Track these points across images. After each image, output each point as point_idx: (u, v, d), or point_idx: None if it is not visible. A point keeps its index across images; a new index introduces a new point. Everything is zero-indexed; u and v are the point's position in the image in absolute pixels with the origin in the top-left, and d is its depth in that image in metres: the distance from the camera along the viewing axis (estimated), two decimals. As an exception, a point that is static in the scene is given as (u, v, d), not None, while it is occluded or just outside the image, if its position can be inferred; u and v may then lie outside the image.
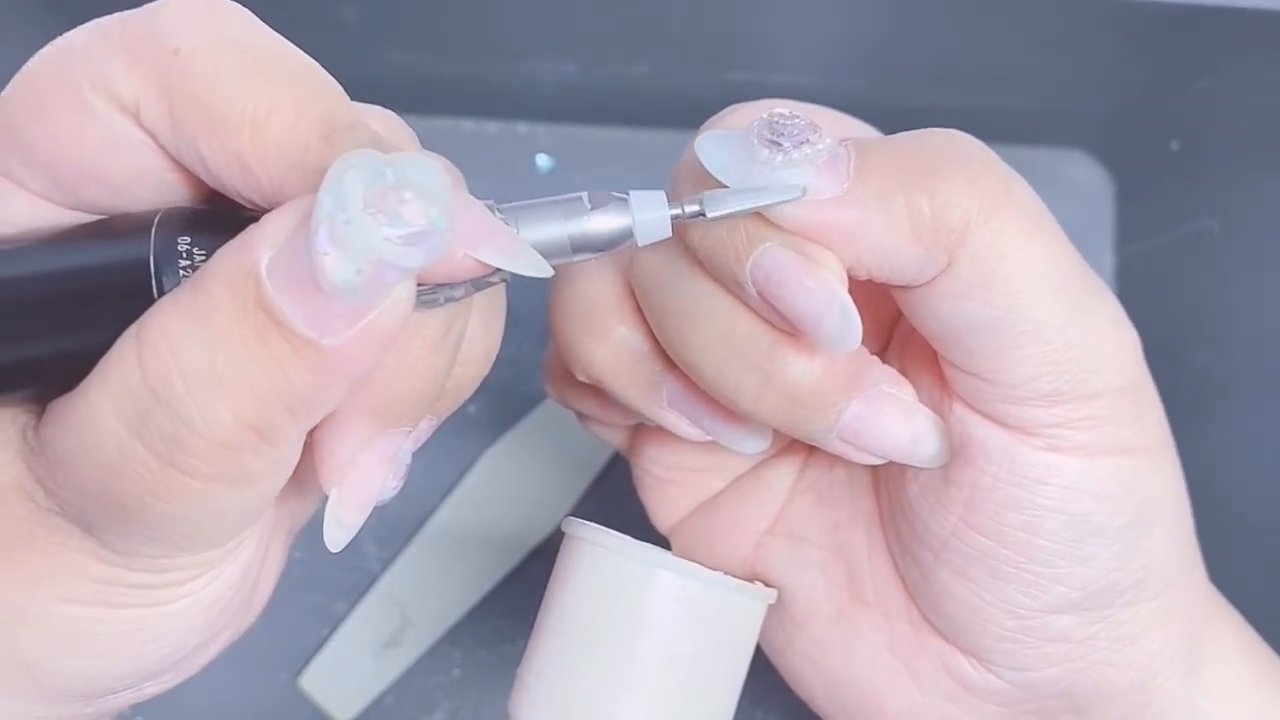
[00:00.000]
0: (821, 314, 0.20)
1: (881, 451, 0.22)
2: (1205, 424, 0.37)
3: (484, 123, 0.40)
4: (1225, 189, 0.37)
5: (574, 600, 0.25)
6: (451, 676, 0.38)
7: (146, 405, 0.16)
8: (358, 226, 0.15)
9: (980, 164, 0.21)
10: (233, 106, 0.17)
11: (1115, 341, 0.21)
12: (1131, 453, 0.22)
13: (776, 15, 0.34)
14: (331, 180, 0.16)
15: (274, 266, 0.16)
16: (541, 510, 0.38)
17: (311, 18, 0.34)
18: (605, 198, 0.19)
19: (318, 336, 0.16)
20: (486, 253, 0.17)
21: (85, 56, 0.18)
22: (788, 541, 0.27)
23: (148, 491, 0.17)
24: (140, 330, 0.17)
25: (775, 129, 0.20)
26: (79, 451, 0.17)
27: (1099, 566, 0.22)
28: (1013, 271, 0.20)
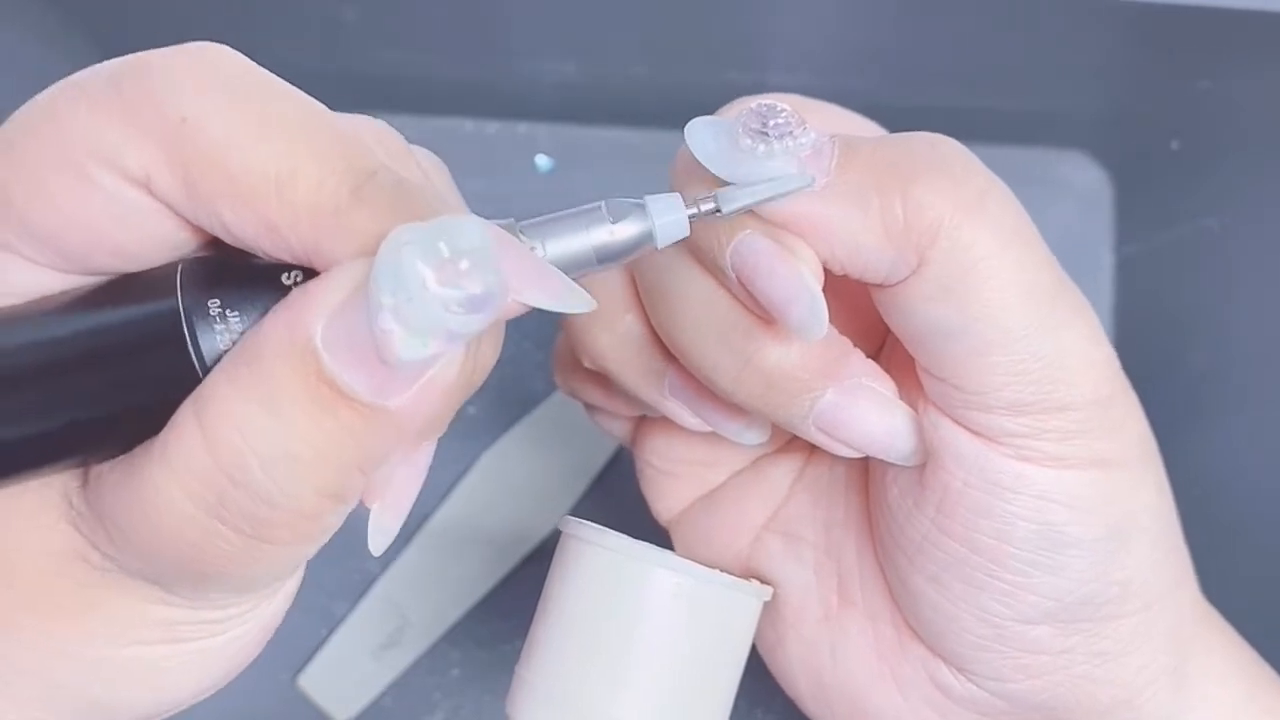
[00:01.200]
0: (790, 300, 0.20)
1: (856, 443, 0.22)
2: (1204, 424, 0.37)
3: (484, 123, 0.40)
4: (1224, 189, 0.37)
5: (571, 599, 0.25)
6: (450, 677, 0.38)
7: (223, 489, 0.16)
8: (421, 304, 0.15)
9: (959, 170, 0.21)
10: (253, 171, 0.17)
11: (1086, 356, 0.21)
12: (1106, 465, 0.22)
13: (776, 15, 0.34)
14: (387, 261, 0.15)
15: (329, 337, 0.16)
16: (540, 511, 0.38)
17: (311, 17, 0.35)
18: (623, 206, 0.19)
19: (383, 401, 0.16)
20: (534, 297, 0.17)
21: (82, 129, 0.17)
22: (783, 539, 0.27)
23: (229, 562, 0.17)
24: (200, 414, 0.16)
25: (761, 119, 0.20)
26: (151, 532, 0.17)
27: (1073, 578, 0.22)
28: (981, 279, 0.20)
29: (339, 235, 0.17)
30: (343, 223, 0.16)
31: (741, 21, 0.34)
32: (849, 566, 0.26)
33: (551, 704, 0.24)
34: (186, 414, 0.17)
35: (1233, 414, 0.37)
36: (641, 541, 0.24)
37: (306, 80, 0.39)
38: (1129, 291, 0.41)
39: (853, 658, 0.26)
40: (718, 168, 0.20)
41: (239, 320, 0.17)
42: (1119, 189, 0.42)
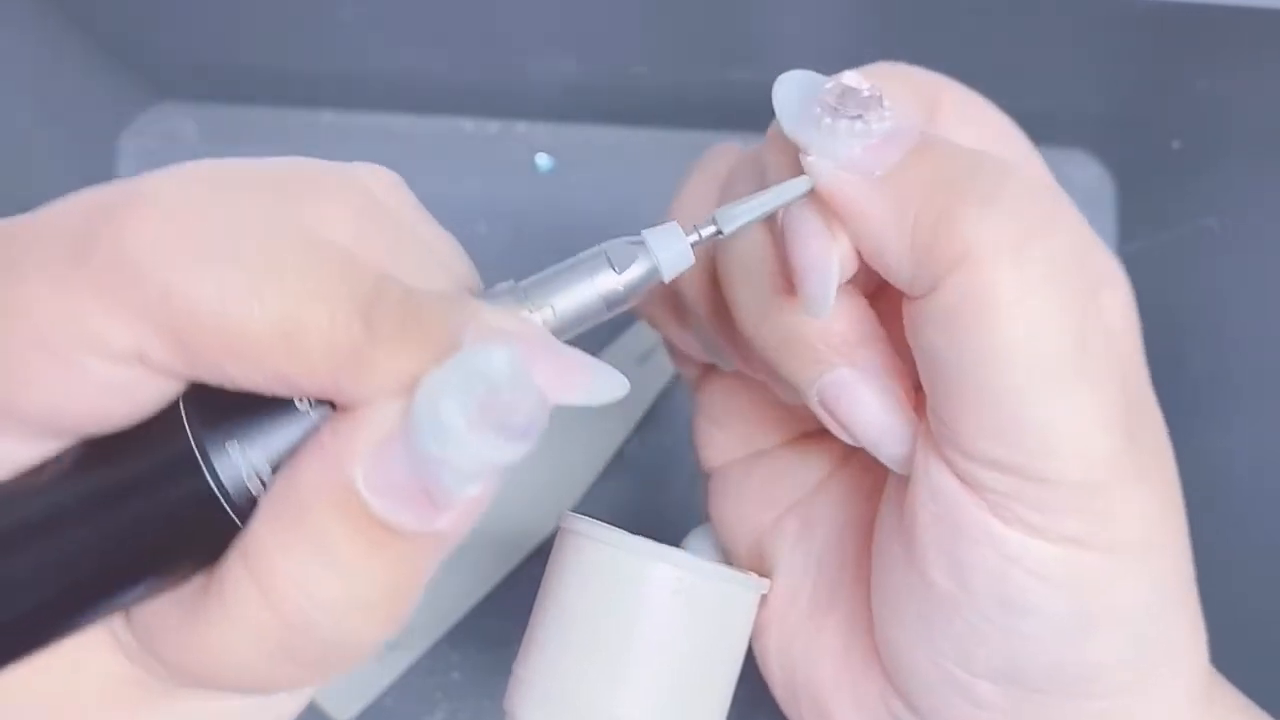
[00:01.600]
0: (807, 272, 0.20)
1: (850, 428, 0.22)
2: (1204, 424, 0.37)
3: (484, 123, 0.40)
4: (1226, 188, 0.37)
5: (569, 595, 0.25)
6: (451, 678, 0.38)
7: (291, 642, 0.17)
8: (467, 448, 0.15)
9: (1013, 204, 0.19)
10: (257, 331, 0.16)
11: (1079, 439, 0.20)
12: (1084, 547, 0.20)
13: (777, 14, 0.34)
14: (425, 413, 0.15)
15: (371, 480, 0.16)
16: (541, 510, 0.38)
17: (309, 16, 0.34)
18: (624, 250, 0.19)
19: (433, 526, 0.16)
20: (570, 398, 0.17)
21: (58, 318, 0.15)
22: (801, 525, 0.27)
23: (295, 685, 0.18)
24: (254, 572, 0.16)
25: (839, 96, 0.20)
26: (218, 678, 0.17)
27: (1032, 646, 0.21)
28: (990, 324, 0.19)
29: (359, 378, 0.16)
30: (361, 365, 0.16)
31: (742, 20, 0.34)
32: (848, 573, 0.26)
33: (550, 701, 0.24)
34: (239, 572, 0.17)
35: (1233, 413, 0.37)
36: (639, 536, 0.24)
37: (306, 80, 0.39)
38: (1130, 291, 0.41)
39: (823, 663, 0.25)
40: (787, 125, 0.20)
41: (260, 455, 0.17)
42: (1120, 188, 0.42)
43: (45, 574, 0.16)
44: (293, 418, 0.17)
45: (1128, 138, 0.40)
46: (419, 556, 0.17)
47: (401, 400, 0.16)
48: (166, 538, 0.17)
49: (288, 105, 0.40)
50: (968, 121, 0.24)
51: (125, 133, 0.39)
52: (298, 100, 0.39)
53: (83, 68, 0.36)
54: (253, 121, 0.40)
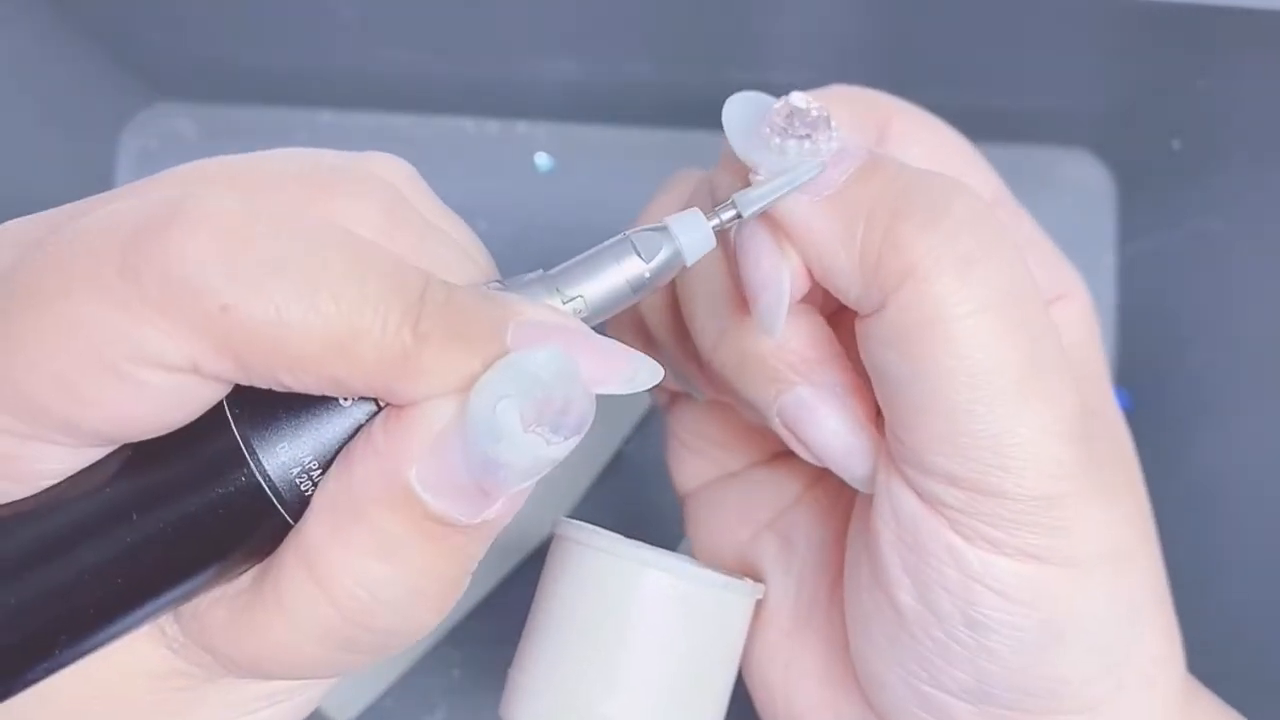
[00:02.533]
0: (759, 291, 0.21)
1: (812, 448, 0.22)
2: (1206, 423, 0.37)
3: (484, 122, 0.40)
4: (1226, 188, 0.37)
5: (564, 600, 0.25)
6: (451, 677, 0.38)
7: (352, 634, 0.17)
8: (524, 448, 0.16)
9: (957, 223, 0.19)
10: (312, 343, 0.16)
11: (1036, 450, 0.20)
12: (1044, 561, 0.20)
13: (777, 14, 0.34)
14: (482, 416, 0.16)
15: (425, 478, 0.17)
16: (540, 512, 0.38)
17: (309, 15, 0.34)
18: (649, 237, 0.20)
19: (484, 515, 0.17)
20: (613, 387, 0.18)
21: (111, 333, 0.15)
22: (780, 542, 0.27)
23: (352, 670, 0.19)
24: (315, 573, 0.17)
25: (787, 116, 0.20)
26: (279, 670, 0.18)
27: (998, 664, 0.21)
28: (937, 339, 0.19)
29: (410, 379, 0.17)
30: (411, 367, 0.16)
31: (742, 20, 0.34)
32: (827, 591, 0.26)
33: (545, 706, 0.24)
34: (295, 570, 0.17)
35: (1234, 413, 0.37)
36: (635, 541, 0.24)
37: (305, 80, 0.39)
38: (1131, 290, 0.41)
39: (803, 679, 0.25)
40: (737, 146, 0.21)
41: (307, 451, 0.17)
42: (1122, 188, 0.42)
43: (100, 575, 0.17)
44: (337, 414, 0.18)
45: (1129, 138, 0.40)
46: (471, 544, 0.18)
47: (452, 399, 0.17)
48: (217, 536, 0.17)
49: (287, 105, 0.40)
50: (918, 142, 0.24)
51: (125, 132, 0.39)
52: (297, 100, 0.39)
53: (83, 68, 0.36)
54: (252, 121, 0.40)
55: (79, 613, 0.17)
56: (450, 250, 0.19)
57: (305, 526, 0.17)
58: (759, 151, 0.20)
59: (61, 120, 0.37)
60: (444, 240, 0.20)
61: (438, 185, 0.23)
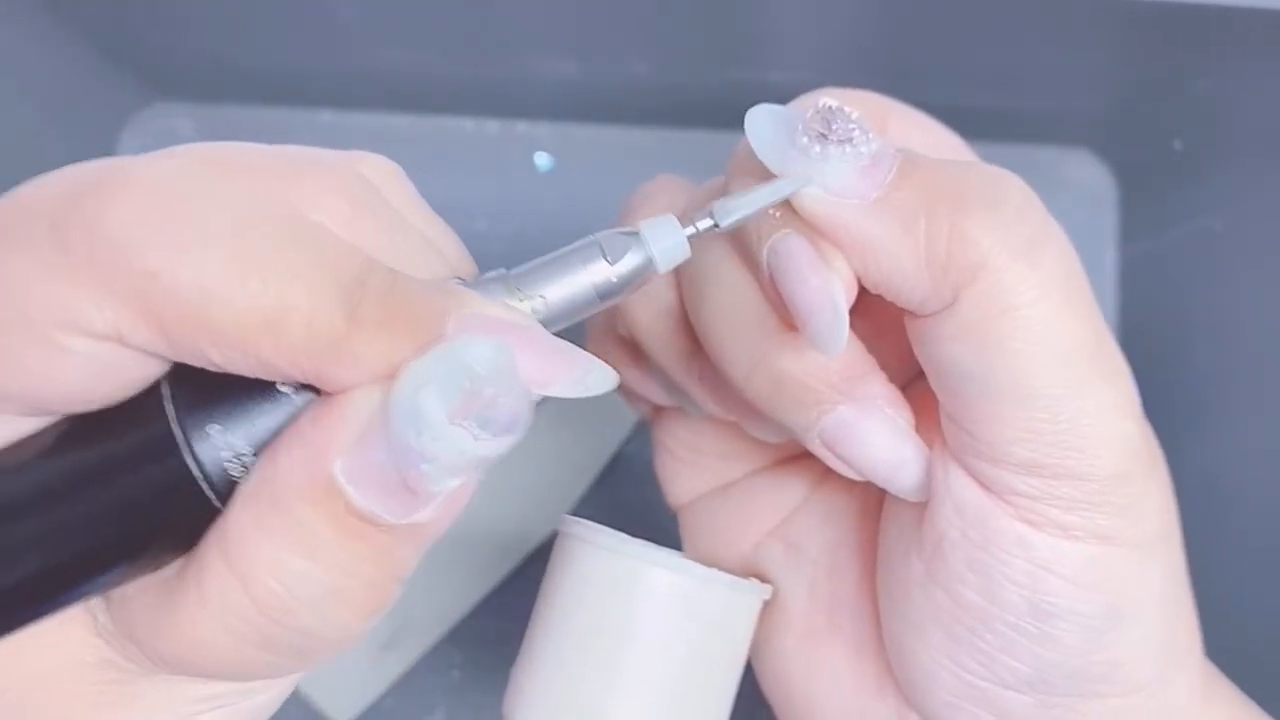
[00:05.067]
0: (814, 310, 0.20)
1: (859, 466, 0.22)
2: (1205, 424, 0.37)
3: (484, 122, 0.40)
4: (1228, 188, 0.37)
5: (567, 599, 0.24)
6: (451, 678, 0.38)
7: (269, 631, 0.17)
8: (448, 441, 0.15)
9: (1016, 211, 0.20)
10: (239, 318, 0.15)
11: (1109, 429, 0.20)
12: (1112, 543, 0.20)
13: (777, 14, 0.34)
14: (405, 403, 0.15)
15: (350, 471, 0.16)
16: (541, 511, 0.38)
17: (308, 15, 0.34)
18: (618, 240, 0.19)
19: (412, 518, 0.16)
20: (559, 389, 0.17)
21: (39, 297, 0.15)
22: (786, 548, 0.26)
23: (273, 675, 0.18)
24: (232, 562, 0.16)
25: (825, 121, 0.20)
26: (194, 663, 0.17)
27: (1060, 651, 0.21)
28: (1011, 329, 0.19)
29: (342, 364, 0.16)
30: (343, 352, 0.16)
31: (743, 20, 0.34)
32: (846, 593, 0.25)
33: (548, 706, 0.24)
34: (215, 559, 0.16)
35: (1235, 413, 0.37)
36: (639, 540, 0.24)
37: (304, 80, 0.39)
38: (1132, 290, 0.41)
39: (826, 687, 0.25)
40: (771, 160, 0.20)
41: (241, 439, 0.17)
42: (1123, 188, 0.42)
43: (23, 553, 0.16)
44: (275, 401, 0.17)
45: (1130, 138, 0.40)
46: (399, 548, 0.17)
47: (383, 389, 0.16)
48: (146, 519, 0.17)
49: (287, 105, 0.39)
50: (915, 142, 0.23)
51: (124, 132, 0.39)
52: (297, 100, 0.39)
53: (82, 68, 0.36)
54: (251, 121, 0.40)
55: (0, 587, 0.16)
56: (417, 246, 0.19)
57: (229, 514, 0.16)
58: (797, 163, 0.20)
59: (60, 120, 0.37)
60: (412, 235, 0.19)
61: (438, 185, 0.23)
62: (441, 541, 0.41)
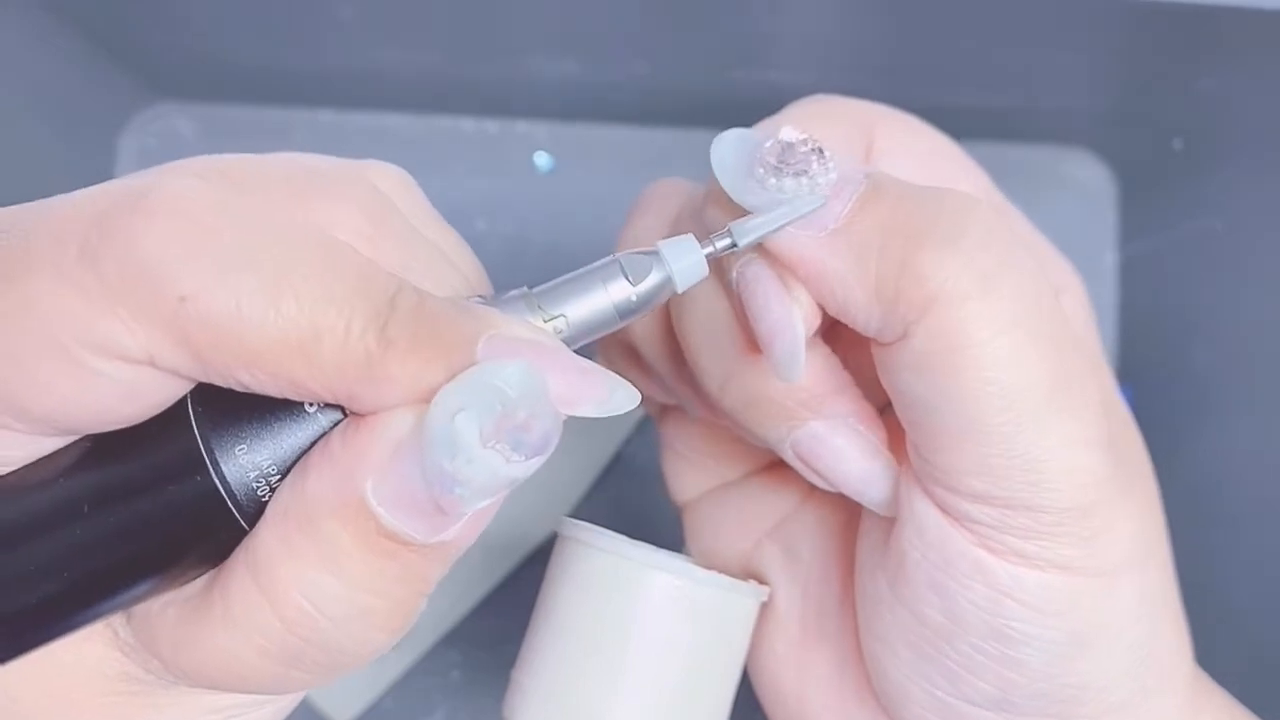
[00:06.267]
0: (774, 336, 0.20)
1: (830, 478, 0.22)
2: (1207, 423, 0.37)
3: (484, 122, 0.40)
4: (1228, 188, 0.37)
5: (568, 601, 0.24)
6: (450, 678, 0.38)
7: (297, 649, 0.17)
8: (480, 464, 0.15)
9: (975, 243, 0.19)
10: (271, 341, 0.15)
11: (1069, 462, 0.19)
12: (1074, 572, 0.20)
13: (778, 14, 0.34)
14: (439, 428, 0.15)
15: (381, 492, 0.16)
16: (541, 512, 0.38)
17: (308, 15, 0.34)
18: (639, 260, 0.19)
19: (440, 537, 0.16)
20: (585, 409, 0.17)
21: (70, 320, 0.15)
22: (782, 551, 0.27)
23: (301, 689, 0.18)
24: (259, 579, 0.16)
25: (780, 153, 0.20)
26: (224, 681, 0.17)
27: (1025, 673, 0.21)
28: (963, 365, 0.19)
29: (374, 386, 0.16)
30: (376, 374, 0.16)
31: (743, 20, 0.34)
32: (832, 602, 0.26)
33: (547, 707, 0.24)
34: (243, 578, 0.17)
35: (1235, 413, 0.37)
36: (639, 543, 0.24)
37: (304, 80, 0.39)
38: (1132, 290, 0.41)
39: (815, 687, 0.25)
40: (731, 190, 0.20)
41: (267, 458, 0.17)
42: (1123, 188, 0.42)
43: (48, 569, 0.16)
44: (301, 420, 0.17)
45: (1130, 138, 0.40)
46: (426, 566, 0.17)
47: (415, 411, 0.16)
48: (170, 537, 0.17)
49: (287, 105, 0.39)
50: (907, 149, 0.23)
51: (124, 132, 0.39)
52: (297, 100, 0.39)
53: (82, 68, 0.36)
54: (251, 121, 0.40)
55: (22, 606, 0.16)
56: (434, 260, 0.19)
57: (257, 533, 0.17)
58: (754, 193, 0.20)
59: (60, 120, 0.37)
60: (429, 250, 0.19)
61: (438, 185, 0.23)
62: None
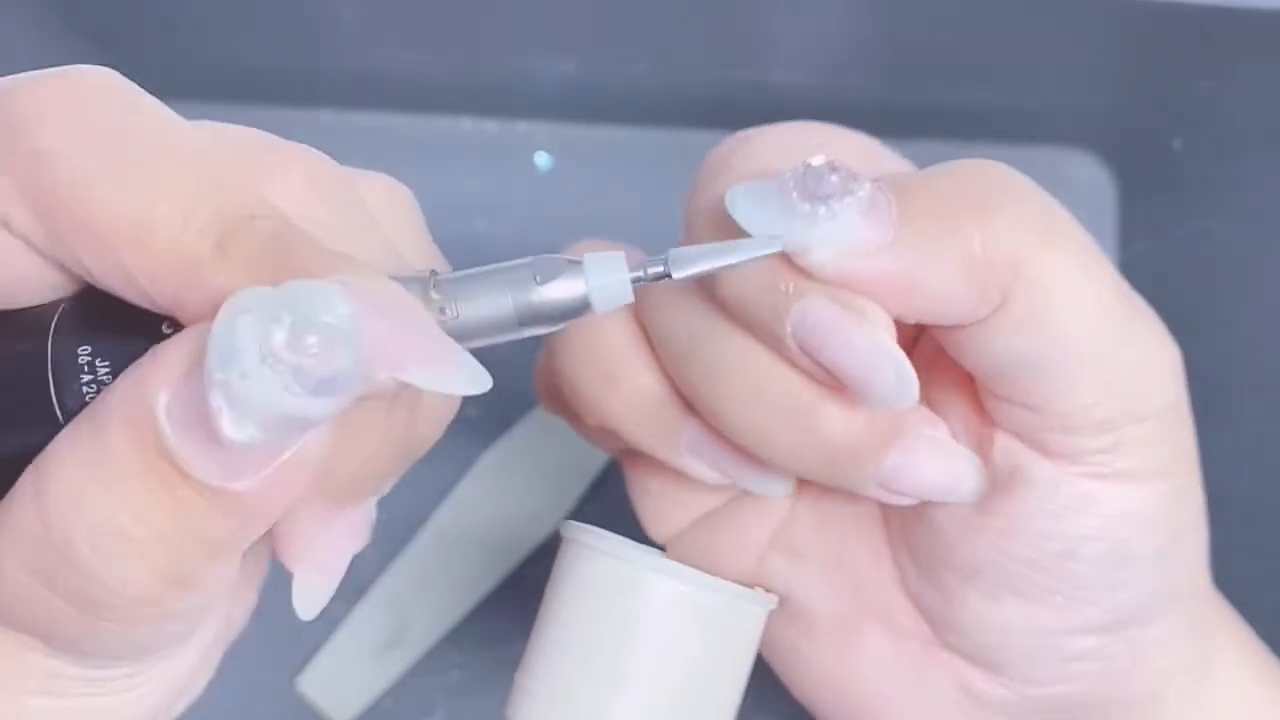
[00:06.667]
0: (872, 371, 0.19)
1: (918, 494, 0.22)
2: (1207, 424, 0.37)
3: (483, 122, 0.40)
4: (1228, 188, 0.37)
5: (571, 605, 0.24)
6: (450, 678, 0.38)
7: (54, 562, 0.15)
8: (255, 381, 0.14)
9: (1020, 195, 0.20)
10: (110, 214, 0.15)
11: (1161, 359, 0.22)
12: (1169, 477, 0.22)
13: (778, 14, 0.34)
14: (220, 329, 0.14)
15: (173, 408, 0.15)
16: (540, 512, 0.38)
17: (307, 16, 0.34)
18: (555, 264, 0.17)
19: (228, 483, 0.15)
20: (415, 375, 0.15)
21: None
22: (788, 557, 0.26)
23: (70, 633, 0.16)
24: (38, 478, 0.15)
25: (815, 181, 0.19)
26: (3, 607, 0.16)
27: (1132, 591, 0.22)
28: (1064, 303, 0.20)
29: (198, 291, 0.15)
30: (203, 277, 0.15)
31: (743, 19, 0.34)
32: (864, 579, 0.25)
33: (551, 713, 0.24)
34: (28, 474, 0.16)
35: (1236, 415, 0.36)
36: (644, 547, 0.24)
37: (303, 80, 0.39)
38: (1131, 291, 0.41)
39: (873, 667, 0.25)
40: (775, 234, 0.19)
41: (108, 371, 0.16)
42: (1123, 188, 0.42)
43: None
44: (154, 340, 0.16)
45: (1129, 138, 0.40)
46: (208, 514, 0.15)
47: None
48: None
49: (287, 105, 0.39)
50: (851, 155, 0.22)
51: (124, 132, 0.39)
52: (297, 100, 0.39)
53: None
54: (251, 121, 0.39)
55: None
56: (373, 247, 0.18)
57: (56, 437, 0.16)
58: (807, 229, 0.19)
59: (61, 120, 0.37)
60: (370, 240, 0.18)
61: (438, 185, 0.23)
62: (440, 542, 0.41)
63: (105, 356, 0.16)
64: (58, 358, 0.16)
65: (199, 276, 0.15)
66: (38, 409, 0.16)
